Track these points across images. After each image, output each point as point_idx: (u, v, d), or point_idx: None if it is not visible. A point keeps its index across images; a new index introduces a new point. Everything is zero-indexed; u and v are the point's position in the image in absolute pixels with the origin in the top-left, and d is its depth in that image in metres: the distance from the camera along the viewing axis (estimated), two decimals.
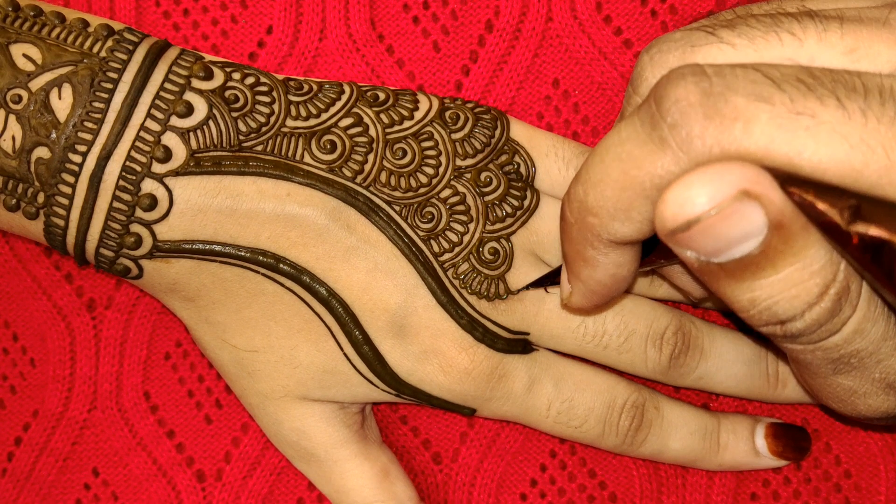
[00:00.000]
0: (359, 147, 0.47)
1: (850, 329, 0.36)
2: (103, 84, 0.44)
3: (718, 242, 0.33)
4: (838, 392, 0.40)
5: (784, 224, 0.33)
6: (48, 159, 0.44)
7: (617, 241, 0.37)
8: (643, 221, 0.36)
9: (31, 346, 0.53)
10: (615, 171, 0.35)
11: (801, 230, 0.33)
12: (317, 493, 0.52)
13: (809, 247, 0.34)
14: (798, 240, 0.33)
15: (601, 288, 0.40)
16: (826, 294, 0.34)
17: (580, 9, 0.51)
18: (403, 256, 0.47)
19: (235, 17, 0.51)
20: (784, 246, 0.33)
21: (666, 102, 0.33)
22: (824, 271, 0.34)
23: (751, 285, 0.34)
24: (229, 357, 0.48)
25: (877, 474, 0.52)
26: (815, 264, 0.34)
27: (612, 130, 0.36)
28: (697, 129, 0.33)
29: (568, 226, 0.38)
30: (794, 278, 0.34)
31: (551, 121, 0.51)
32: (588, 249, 0.38)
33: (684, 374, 0.49)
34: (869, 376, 0.38)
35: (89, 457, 0.53)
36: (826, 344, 0.36)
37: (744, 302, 0.35)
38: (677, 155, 0.33)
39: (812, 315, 0.35)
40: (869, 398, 0.40)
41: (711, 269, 0.34)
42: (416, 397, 0.48)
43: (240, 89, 0.46)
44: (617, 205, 0.36)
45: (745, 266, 0.34)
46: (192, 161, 0.45)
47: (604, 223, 0.37)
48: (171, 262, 0.46)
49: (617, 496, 0.52)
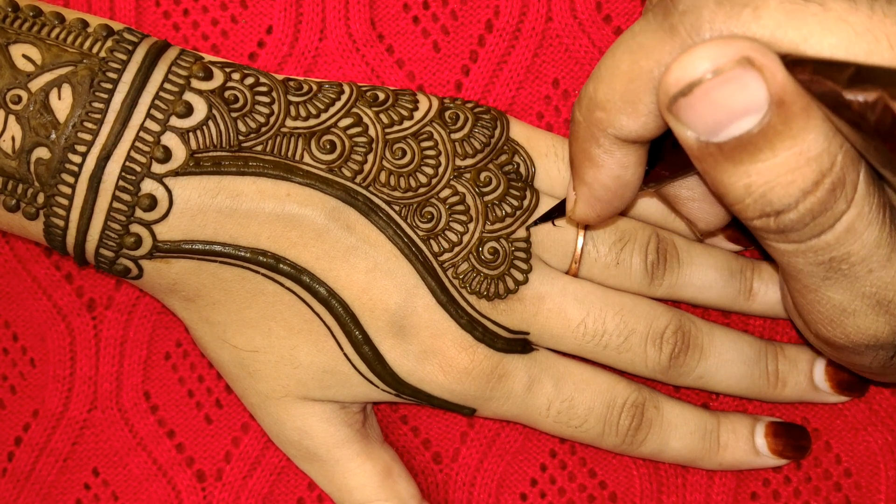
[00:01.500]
0: (358, 147, 0.47)
1: (842, 226, 0.35)
2: (103, 84, 0.44)
3: (718, 113, 0.33)
4: (828, 310, 0.39)
5: (785, 101, 0.33)
6: (48, 160, 0.44)
7: (623, 138, 0.38)
8: (649, 115, 0.36)
9: (32, 346, 0.53)
10: (625, 63, 0.36)
11: (802, 111, 0.33)
12: (317, 493, 0.52)
13: (809, 131, 0.34)
14: (798, 121, 0.33)
15: (605, 192, 0.41)
16: (822, 183, 0.34)
17: (580, 9, 0.51)
18: (403, 256, 0.47)
19: (235, 17, 0.51)
20: (783, 126, 0.33)
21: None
22: (821, 159, 0.34)
23: (747, 169, 0.34)
24: (230, 357, 0.48)
25: (877, 473, 0.52)
26: (813, 150, 0.34)
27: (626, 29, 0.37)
28: (707, 14, 0.33)
29: (576, 125, 0.39)
30: (790, 163, 0.34)
31: (551, 121, 0.51)
32: (594, 147, 0.39)
33: (684, 373, 0.49)
34: (859, 289, 0.38)
35: (89, 457, 0.53)
36: (818, 243, 0.36)
37: (739, 189, 0.35)
38: (686, 41, 0.34)
39: (806, 205, 0.35)
40: (858, 317, 0.39)
41: (710, 151, 0.34)
42: (416, 397, 0.48)
43: (239, 89, 0.46)
44: (625, 97, 0.36)
45: (744, 146, 0.34)
46: (192, 161, 0.45)
47: (611, 117, 0.37)
48: (171, 262, 0.46)
49: (617, 496, 0.52)
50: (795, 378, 0.50)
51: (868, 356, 0.41)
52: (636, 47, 0.36)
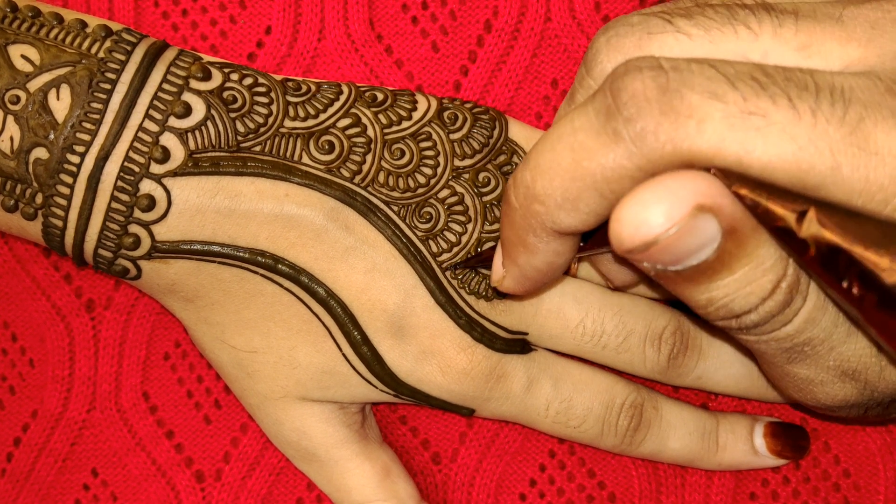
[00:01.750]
0: (357, 147, 0.47)
1: (801, 319, 0.36)
2: (101, 85, 0.44)
3: (676, 255, 0.34)
4: (796, 382, 0.40)
5: (737, 229, 0.34)
6: (46, 160, 0.44)
7: (560, 231, 0.37)
8: (590, 213, 0.36)
9: (30, 347, 0.53)
10: (566, 160, 0.35)
11: (752, 232, 0.34)
12: (316, 493, 0.52)
13: (760, 246, 0.34)
14: (750, 242, 0.34)
15: (536, 274, 0.41)
16: (778, 288, 0.35)
17: (579, 9, 0.51)
18: (402, 257, 0.47)
19: (234, 17, 0.51)
20: (737, 249, 0.34)
21: (623, 96, 0.33)
22: (776, 267, 0.35)
23: (707, 287, 0.35)
24: (228, 358, 0.48)
25: (875, 473, 0.52)
26: (767, 262, 0.35)
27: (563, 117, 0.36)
28: (652, 125, 0.33)
29: (511, 210, 0.38)
30: (748, 277, 0.35)
31: (550, 121, 0.51)
32: (529, 236, 0.38)
33: (683, 373, 0.49)
34: (823, 364, 0.39)
35: (88, 457, 0.53)
36: (779, 334, 0.37)
37: (702, 301, 0.36)
38: (630, 149, 0.33)
39: (765, 308, 0.36)
40: (826, 386, 0.40)
41: (668, 275, 0.35)
42: (414, 397, 0.48)
43: (238, 90, 0.46)
44: (565, 195, 0.36)
45: (702, 271, 0.34)
46: (191, 161, 0.45)
47: (550, 212, 0.36)
48: (169, 262, 0.46)
49: (616, 496, 0.52)
50: None
51: (842, 412, 0.42)
52: (578, 146, 0.35)
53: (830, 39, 0.36)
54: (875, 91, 0.33)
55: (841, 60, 0.35)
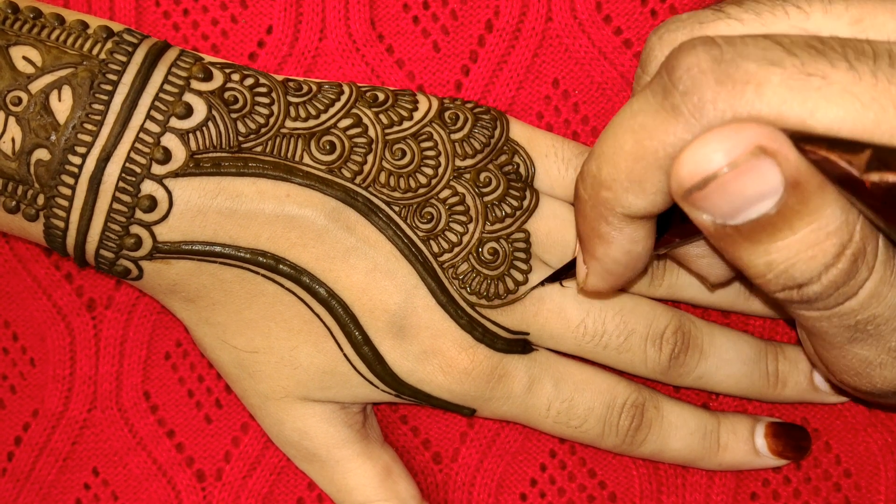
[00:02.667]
0: (358, 148, 0.47)
1: (866, 292, 0.36)
2: (103, 86, 0.44)
3: (734, 201, 0.33)
4: (854, 364, 0.39)
5: (800, 182, 0.33)
6: (48, 161, 0.44)
7: (631, 215, 0.37)
8: (657, 193, 0.36)
9: (31, 346, 0.53)
10: (628, 143, 0.35)
11: (818, 189, 0.33)
12: (317, 493, 0.52)
13: (826, 206, 0.34)
14: (814, 199, 0.33)
15: (617, 266, 0.41)
16: (843, 255, 0.34)
17: (580, 9, 0.51)
18: (403, 257, 0.47)
19: (235, 17, 0.51)
20: (800, 205, 0.33)
21: (678, 71, 0.33)
22: (841, 232, 0.34)
23: (767, 248, 0.34)
24: (230, 358, 0.48)
25: (877, 473, 0.52)
26: (832, 225, 0.34)
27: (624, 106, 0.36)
28: (709, 94, 0.33)
29: (582, 203, 0.39)
30: (810, 239, 0.34)
31: (551, 121, 0.51)
32: (602, 225, 0.39)
33: (684, 373, 0.49)
34: (885, 345, 0.38)
35: (89, 456, 0.53)
36: (842, 309, 0.36)
37: (760, 266, 0.35)
38: (689, 122, 0.34)
39: (829, 277, 0.35)
40: (885, 369, 0.39)
41: (728, 232, 0.34)
42: (415, 397, 0.48)
43: (239, 90, 0.46)
44: (630, 176, 0.36)
45: (762, 227, 0.34)
46: (192, 162, 0.45)
47: (618, 196, 0.37)
48: (170, 263, 0.46)
49: (617, 496, 0.52)
50: (795, 378, 0.50)
51: (892, 399, 0.42)
52: (638, 127, 0.35)
53: (882, 12, 0.35)
54: None
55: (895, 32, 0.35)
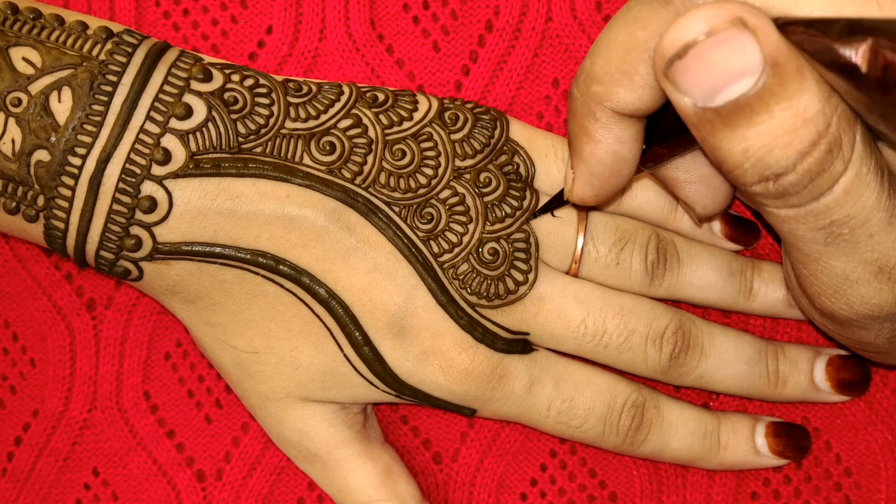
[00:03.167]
0: (358, 148, 0.47)
1: (841, 188, 0.36)
2: (103, 87, 0.44)
3: (713, 76, 0.34)
4: (831, 280, 0.39)
5: (779, 63, 0.34)
6: (48, 162, 0.44)
7: (620, 111, 0.38)
8: (645, 86, 0.37)
9: (31, 346, 0.53)
10: (621, 35, 0.37)
11: (796, 72, 0.34)
12: (317, 493, 0.52)
13: (804, 92, 0.34)
14: (793, 82, 0.34)
15: (603, 169, 0.41)
16: (818, 144, 0.35)
17: (580, 9, 0.51)
18: (403, 257, 0.47)
19: (235, 17, 0.51)
20: (778, 87, 0.34)
21: None
22: (817, 119, 0.35)
23: (745, 133, 0.35)
24: (230, 358, 0.48)
25: (877, 472, 0.52)
26: (809, 111, 0.34)
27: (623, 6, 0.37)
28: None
29: (573, 101, 0.40)
30: (787, 124, 0.34)
31: (551, 121, 0.51)
32: (591, 122, 0.40)
33: (684, 373, 0.49)
34: (861, 255, 0.38)
35: (89, 457, 0.53)
36: (817, 206, 0.36)
37: (737, 154, 0.35)
38: (680, 10, 0.35)
39: (804, 166, 0.35)
40: (861, 285, 0.39)
41: (707, 116, 0.35)
42: (416, 398, 0.48)
43: (239, 91, 0.46)
44: (621, 68, 0.37)
45: (741, 109, 0.34)
46: (192, 163, 0.45)
47: (608, 90, 0.38)
48: (170, 263, 0.46)
49: (617, 496, 0.52)
50: (796, 378, 0.50)
51: (873, 329, 0.41)
52: (631, 19, 0.36)
53: None
54: None
55: None
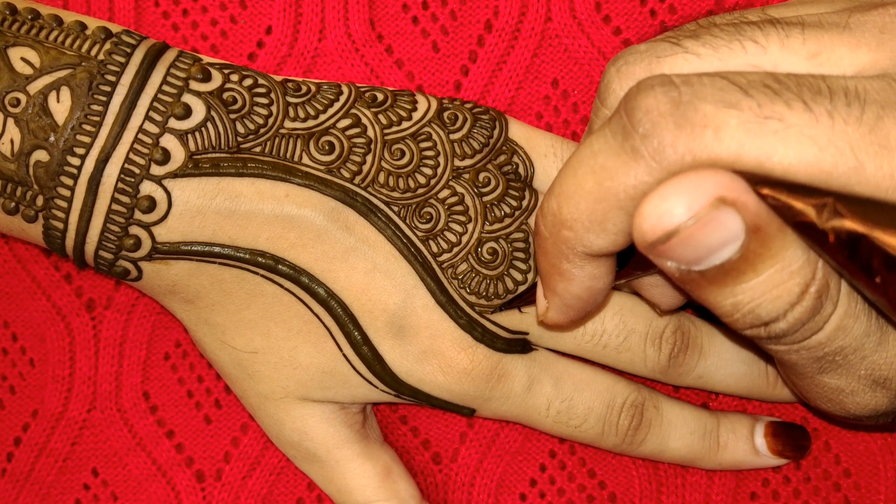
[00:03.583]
0: (357, 148, 0.47)
1: (832, 326, 0.36)
2: (101, 87, 0.44)
3: (698, 251, 0.34)
4: (826, 392, 0.40)
5: (761, 227, 0.34)
6: (47, 162, 0.44)
7: (592, 254, 0.38)
8: (618, 233, 0.36)
9: (31, 347, 0.53)
10: (589, 183, 0.35)
11: (778, 232, 0.34)
12: (317, 493, 0.52)
13: (787, 247, 0.34)
14: (776, 241, 0.34)
15: (577, 302, 0.41)
16: (807, 293, 0.35)
17: (579, 9, 0.51)
18: (402, 257, 0.47)
19: (234, 17, 0.51)
20: (762, 249, 0.34)
21: (637, 113, 0.34)
22: (804, 270, 0.35)
23: (733, 290, 0.35)
24: (229, 358, 0.48)
25: (876, 473, 0.52)
26: (794, 264, 0.34)
27: (582, 143, 0.36)
28: (669, 138, 0.33)
29: (542, 240, 0.39)
30: (774, 280, 0.34)
31: (550, 121, 0.51)
32: (563, 263, 0.39)
33: (683, 373, 0.49)
34: (854, 374, 0.39)
35: (89, 457, 0.53)
36: (810, 343, 0.37)
37: (727, 307, 0.36)
38: (650, 165, 0.34)
39: (794, 314, 0.35)
40: (857, 396, 0.40)
41: (693, 277, 0.35)
42: (415, 397, 0.48)
43: (238, 91, 0.46)
44: (591, 217, 0.36)
45: (726, 272, 0.34)
46: (191, 163, 0.45)
47: (579, 236, 0.37)
48: (170, 263, 0.46)
49: (616, 496, 0.52)
50: None
51: (870, 421, 0.42)
52: (599, 168, 0.35)
53: (840, 46, 0.36)
54: (890, 91, 0.33)
55: (852, 66, 0.35)
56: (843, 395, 0.40)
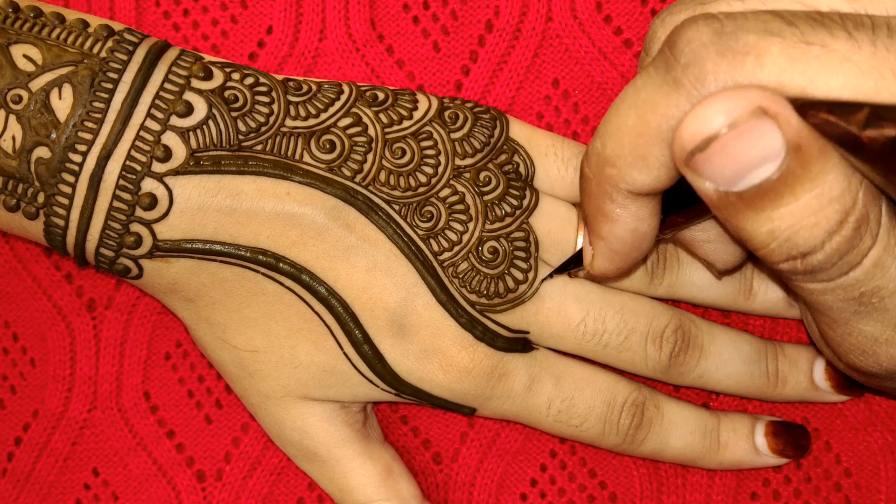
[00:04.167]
0: (358, 146, 0.47)
1: (870, 262, 0.36)
2: (103, 84, 0.44)
3: (736, 165, 0.33)
4: (860, 342, 0.39)
5: (802, 146, 0.33)
6: (48, 159, 0.44)
7: (636, 192, 0.38)
8: (661, 167, 0.36)
9: (32, 346, 0.53)
10: (631, 118, 0.36)
11: (819, 154, 0.33)
12: (317, 493, 0.52)
13: (828, 172, 0.34)
14: (816, 164, 0.33)
15: (622, 246, 0.41)
16: (846, 222, 0.34)
17: (580, 9, 0.51)
18: (403, 255, 0.47)
19: (235, 17, 0.51)
20: (802, 170, 0.33)
21: (679, 44, 0.34)
22: (843, 198, 0.34)
23: (770, 215, 0.34)
24: (230, 357, 0.48)
25: (877, 473, 0.52)
26: (834, 190, 0.34)
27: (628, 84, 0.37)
28: (710, 66, 0.33)
29: (587, 182, 0.39)
30: (813, 205, 0.34)
31: (551, 120, 0.51)
32: (607, 203, 0.39)
33: (684, 372, 0.49)
34: (891, 319, 0.38)
35: (89, 457, 0.53)
36: (846, 280, 0.36)
37: (763, 235, 0.35)
38: (691, 93, 0.34)
39: (832, 245, 0.35)
40: (892, 346, 0.39)
41: (730, 200, 0.34)
42: (416, 396, 0.48)
43: (239, 89, 0.46)
44: (634, 151, 0.36)
45: (764, 193, 0.34)
46: (192, 160, 0.45)
47: (622, 173, 0.37)
48: (170, 261, 0.46)
49: (617, 496, 0.52)
50: (795, 377, 0.50)
51: None
52: (641, 102, 0.36)
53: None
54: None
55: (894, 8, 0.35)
56: (878, 344, 0.39)
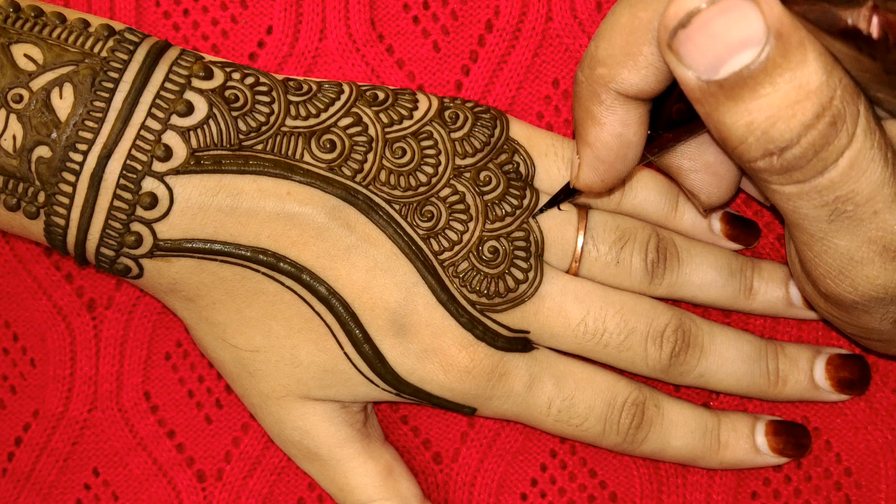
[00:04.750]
0: (358, 146, 0.47)
1: (845, 162, 0.36)
2: (104, 83, 0.44)
3: (717, 46, 0.34)
4: (835, 261, 0.39)
5: (783, 33, 0.34)
6: (49, 158, 0.44)
7: (624, 93, 0.39)
8: (649, 67, 0.38)
9: (32, 347, 0.53)
10: (624, 17, 0.38)
11: (799, 43, 0.34)
12: (317, 493, 0.52)
13: (807, 63, 0.34)
14: (796, 53, 0.34)
15: (608, 153, 0.42)
16: (822, 116, 0.35)
17: (580, 8, 0.51)
18: (403, 255, 0.47)
19: (235, 17, 0.51)
20: (782, 59, 0.34)
21: None
22: (821, 91, 0.35)
23: (748, 106, 0.35)
24: (230, 357, 0.48)
25: (877, 472, 0.52)
26: (812, 83, 0.34)
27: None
28: None
29: (578, 85, 0.40)
30: (791, 97, 0.34)
31: (551, 120, 0.51)
32: (596, 105, 0.40)
33: (684, 372, 0.49)
34: (865, 233, 0.38)
35: (89, 457, 0.53)
36: (822, 181, 0.36)
37: (741, 128, 0.35)
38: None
39: (808, 139, 0.35)
40: (866, 266, 0.39)
41: (711, 90, 0.35)
42: (416, 396, 0.48)
43: (240, 89, 0.46)
44: (625, 49, 0.38)
45: (744, 81, 0.34)
46: (193, 160, 0.45)
47: (612, 72, 0.39)
48: (171, 261, 0.46)
49: (617, 496, 0.52)
50: (796, 376, 0.50)
51: (878, 313, 0.41)
52: (635, 1, 0.37)
53: None
54: None
55: None
56: (853, 263, 0.39)
